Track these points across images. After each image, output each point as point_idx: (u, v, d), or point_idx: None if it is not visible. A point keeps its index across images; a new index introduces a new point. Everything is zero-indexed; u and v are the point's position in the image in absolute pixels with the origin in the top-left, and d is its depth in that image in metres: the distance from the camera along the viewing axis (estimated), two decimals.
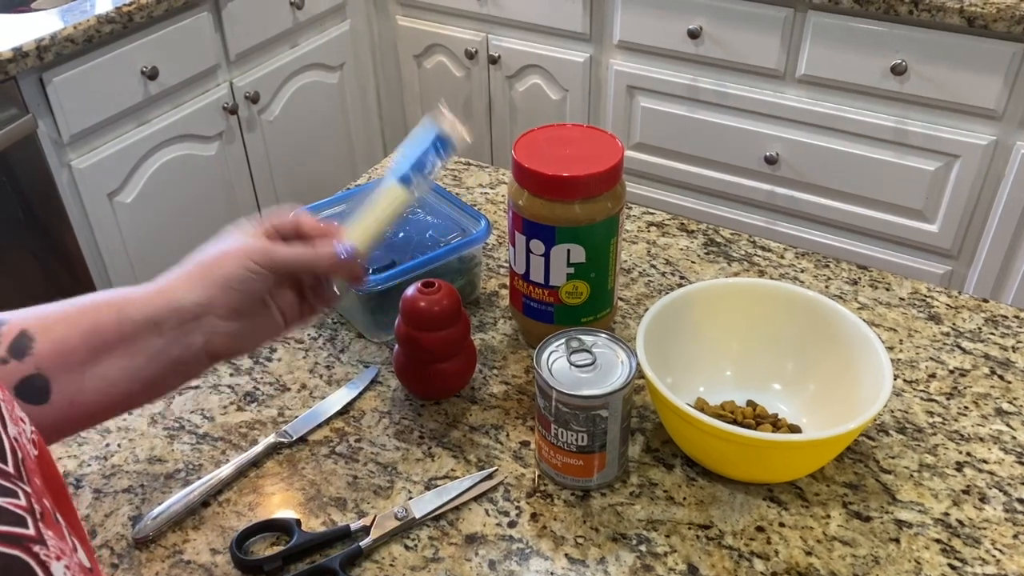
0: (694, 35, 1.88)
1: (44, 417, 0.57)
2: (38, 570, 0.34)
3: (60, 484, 0.45)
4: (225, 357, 0.66)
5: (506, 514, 0.71)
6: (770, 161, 1.92)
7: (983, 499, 0.72)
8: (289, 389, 0.84)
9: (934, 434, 0.78)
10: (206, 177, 1.96)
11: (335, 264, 0.65)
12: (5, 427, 0.39)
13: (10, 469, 0.37)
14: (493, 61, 2.18)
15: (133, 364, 0.59)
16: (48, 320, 0.59)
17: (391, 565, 0.68)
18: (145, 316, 0.60)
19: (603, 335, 0.72)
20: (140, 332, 0.60)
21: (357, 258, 0.67)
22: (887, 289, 0.95)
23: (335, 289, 0.68)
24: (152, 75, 1.75)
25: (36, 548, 0.35)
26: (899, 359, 0.86)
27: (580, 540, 0.69)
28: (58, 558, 0.36)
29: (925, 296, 0.94)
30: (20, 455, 0.39)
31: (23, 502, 0.36)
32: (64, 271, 1.72)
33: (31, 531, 0.35)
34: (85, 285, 1.76)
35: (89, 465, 0.76)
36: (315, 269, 0.65)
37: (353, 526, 0.69)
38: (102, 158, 1.72)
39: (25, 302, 0.62)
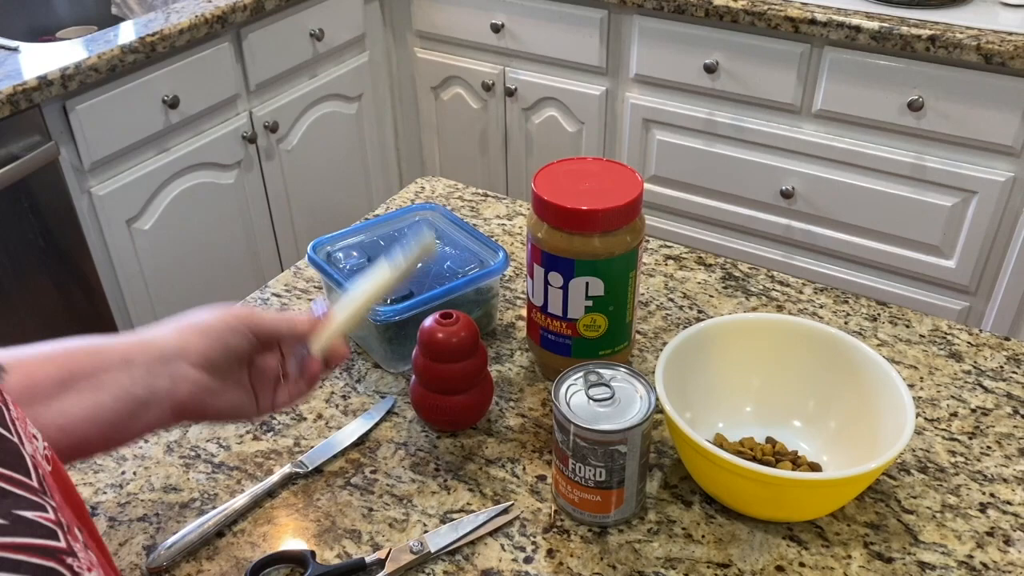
0: (710, 69, 1.89)
1: None
2: None
3: (77, 499, 0.46)
4: (189, 415, 0.64)
5: (522, 549, 0.71)
6: (786, 195, 1.92)
7: (1008, 541, 0.71)
8: (305, 419, 0.84)
9: (956, 474, 0.77)
10: (224, 205, 1.98)
11: (313, 322, 0.66)
12: (23, 444, 0.39)
13: (35, 484, 0.38)
14: (510, 93, 2.20)
15: (97, 400, 0.57)
16: (24, 355, 0.57)
17: None
18: (119, 354, 0.59)
19: (622, 369, 0.72)
20: (110, 368, 0.58)
21: (339, 335, 0.68)
22: (907, 326, 0.94)
23: (314, 353, 0.67)
24: (173, 104, 1.77)
25: (69, 560, 0.35)
26: (920, 397, 0.85)
27: None
28: (89, 570, 0.36)
29: (946, 333, 0.93)
30: (41, 471, 0.39)
31: (51, 515, 0.37)
32: (82, 296, 1.73)
33: (62, 543, 0.36)
34: (103, 310, 1.77)
35: (104, 493, 0.76)
36: (294, 330, 0.65)
37: (368, 559, 0.69)
38: (122, 185, 1.74)
39: (43, 327, 0.62)
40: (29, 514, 0.35)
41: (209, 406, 0.63)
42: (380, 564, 0.69)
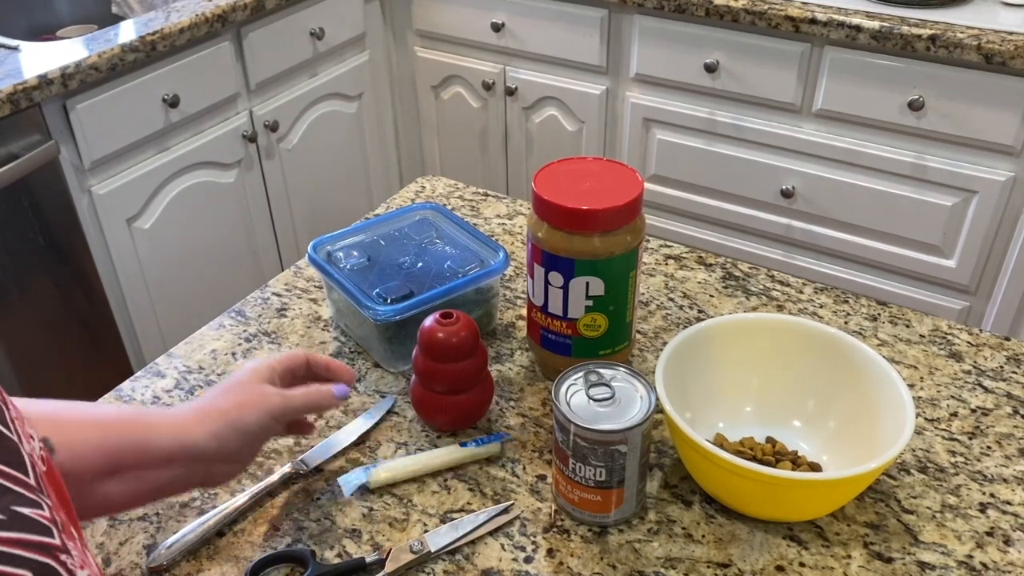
0: (711, 69, 1.89)
1: None
2: None
3: (67, 499, 0.46)
4: (204, 487, 0.74)
5: (522, 549, 0.71)
6: (786, 195, 1.92)
7: (1007, 541, 0.71)
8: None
9: (956, 474, 0.77)
10: (224, 204, 1.98)
11: (337, 404, 0.71)
12: (21, 443, 0.40)
13: (32, 482, 0.38)
14: (510, 92, 2.20)
15: (136, 488, 0.63)
16: (71, 433, 0.60)
17: None
18: (164, 452, 0.63)
19: (622, 368, 0.72)
20: (154, 466, 0.63)
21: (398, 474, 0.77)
22: (907, 326, 0.94)
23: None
24: (173, 103, 1.77)
25: (63, 557, 0.36)
26: (920, 397, 0.85)
27: None
28: (82, 567, 0.37)
29: (946, 333, 0.93)
30: (38, 470, 0.40)
31: (47, 513, 0.37)
32: (82, 295, 1.73)
33: (56, 541, 0.37)
34: (102, 309, 1.77)
35: None
36: (321, 409, 0.71)
37: (368, 559, 0.69)
38: (122, 184, 1.74)
39: (43, 326, 0.63)
40: (27, 511, 0.36)
41: (217, 480, 0.69)
42: (380, 564, 0.69)
